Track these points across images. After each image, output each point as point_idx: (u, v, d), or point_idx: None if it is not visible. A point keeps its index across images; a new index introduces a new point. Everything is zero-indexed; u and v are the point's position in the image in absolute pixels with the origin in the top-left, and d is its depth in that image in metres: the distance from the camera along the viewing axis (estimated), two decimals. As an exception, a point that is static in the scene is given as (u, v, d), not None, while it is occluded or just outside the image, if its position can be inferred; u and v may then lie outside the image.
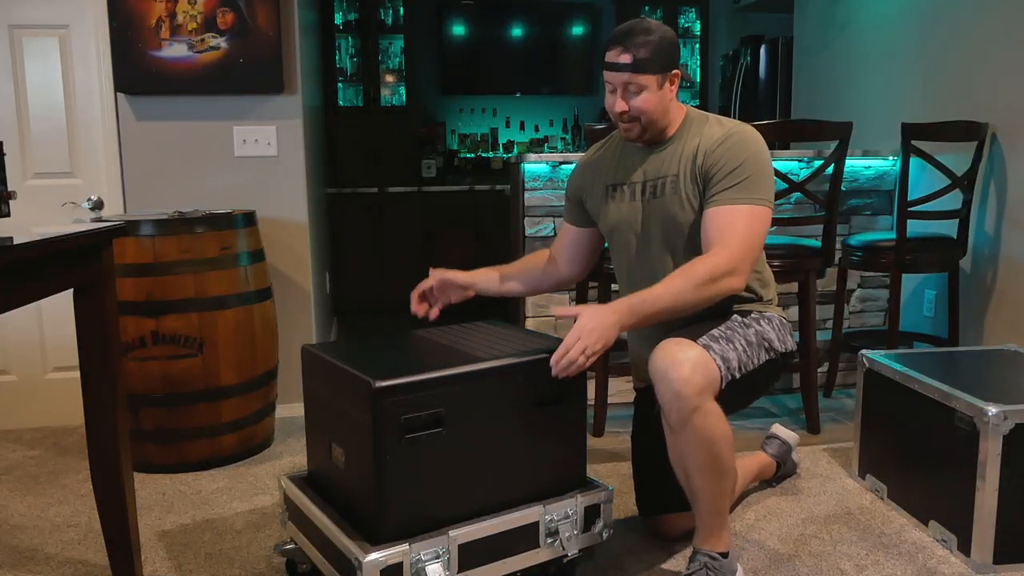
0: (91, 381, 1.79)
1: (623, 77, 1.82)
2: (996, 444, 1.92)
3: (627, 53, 1.81)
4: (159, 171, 3.05)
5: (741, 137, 1.84)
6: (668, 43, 1.83)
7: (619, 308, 1.67)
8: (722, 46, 6.12)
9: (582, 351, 1.62)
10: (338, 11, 5.47)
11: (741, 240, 1.74)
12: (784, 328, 1.97)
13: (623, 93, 1.84)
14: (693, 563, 1.80)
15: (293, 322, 3.19)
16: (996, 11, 3.07)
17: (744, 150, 1.81)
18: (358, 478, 1.65)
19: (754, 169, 1.79)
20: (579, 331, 1.63)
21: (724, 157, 1.81)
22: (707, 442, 1.69)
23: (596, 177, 2.05)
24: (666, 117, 1.90)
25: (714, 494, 1.77)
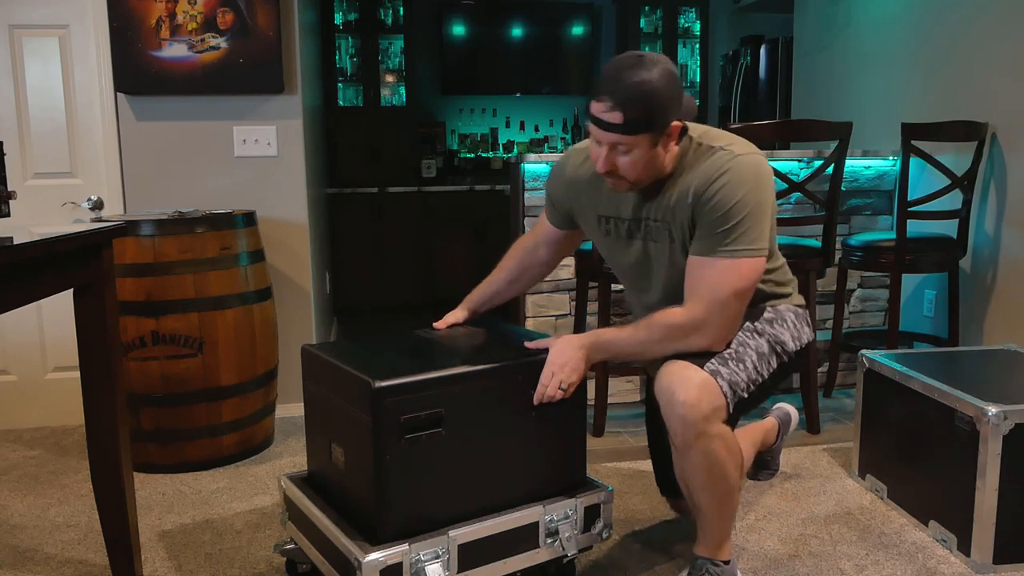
0: (91, 381, 1.79)
1: (610, 137, 1.57)
2: (996, 444, 1.92)
3: (618, 111, 1.53)
4: (159, 171, 3.05)
5: (734, 175, 1.60)
6: (668, 92, 1.55)
7: (585, 343, 1.70)
8: (722, 46, 6.12)
9: (557, 386, 1.68)
10: (338, 11, 5.47)
11: (712, 298, 1.61)
12: (800, 322, 1.85)
13: (609, 152, 1.60)
14: (694, 569, 1.79)
15: (293, 322, 3.19)
16: (996, 11, 3.07)
17: (734, 193, 1.59)
18: (358, 478, 1.65)
19: (742, 215, 1.59)
20: (551, 366, 1.69)
21: (711, 201, 1.61)
22: (711, 465, 1.66)
23: (582, 198, 1.86)
24: (658, 171, 1.66)
25: (718, 512, 1.75)
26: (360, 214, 5.38)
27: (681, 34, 6.10)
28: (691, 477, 1.71)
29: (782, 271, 1.89)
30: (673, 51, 6.10)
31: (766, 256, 1.66)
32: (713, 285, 1.62)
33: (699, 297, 1.63)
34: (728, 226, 1.60)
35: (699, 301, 1.63)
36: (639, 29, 6.01)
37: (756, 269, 1.63)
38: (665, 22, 6.06)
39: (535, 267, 2.06)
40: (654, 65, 1.55)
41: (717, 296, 1.62)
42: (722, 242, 1.61)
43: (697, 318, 1.63)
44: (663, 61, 1.57)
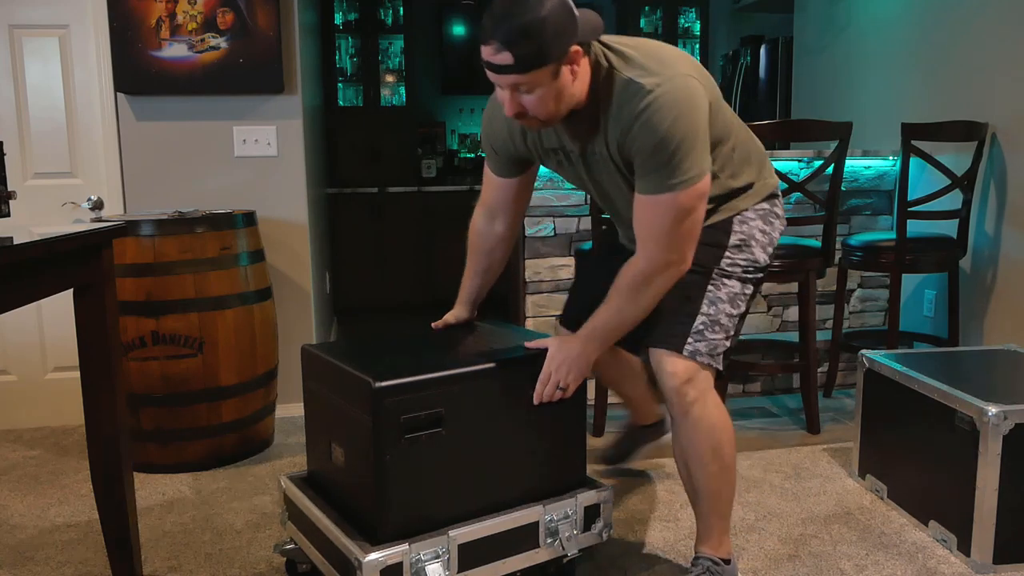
0: (91, 381, 1.79)
1: (507, 79, 1.50)
2: (996, 444, 1.92)
3: (506, 51, 1.46)
4: (159, 171, 3.05)
5: (653, 113, 1.52)
6: (556, 19, 1.45)
7: (582, 338, 1.69)
8: (722, 46, 6.12)
9: (556, 385, 1.69)
10: (338, 11, 5.47)
11: (662, 236, 1.59)
12: (770, 224, 1.80)
13: (512, 94, 1.53)
14: (695, 567, 1.79)
15: (293, 322, 3.19)
16: (996, 12, 3.07)
17: (656, 130, 1.52)
18: (358, 478, 1.65)
19: (671, 148, 1.53)
20: (549, 366, 1.70)
21: (635, 143, 1.56)
22: (709, 431, 1.71)
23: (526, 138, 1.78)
24: (573, 99, 1.58)
25: (716, 490, 1.76)
26: (360, 214, 5.38)
27: (681, 34, 6.11)
28: (690, 447, 1.73)
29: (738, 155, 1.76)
30: (673, 51, 6.09)
31: (709, 174, 1.61)
32: (660, 223, 1.59)
33: (650, 239, 1.61)
34: (660, 162, 1.55)
35: (652, 243, 1.61)
36: (639, 29, 6.02)
37: (699, 193, 1.59)
38: (665, 22, 6.06)
39: (498, 245, 1.98)
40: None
41: (666, 232, 1.60)
42: (659, 180, 1.56)
43: (657, 260, 1.61)
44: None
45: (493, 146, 1.85)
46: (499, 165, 1.88)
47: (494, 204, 1.94)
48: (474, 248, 2.01)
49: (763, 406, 3.27)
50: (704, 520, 1.80)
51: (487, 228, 1.97)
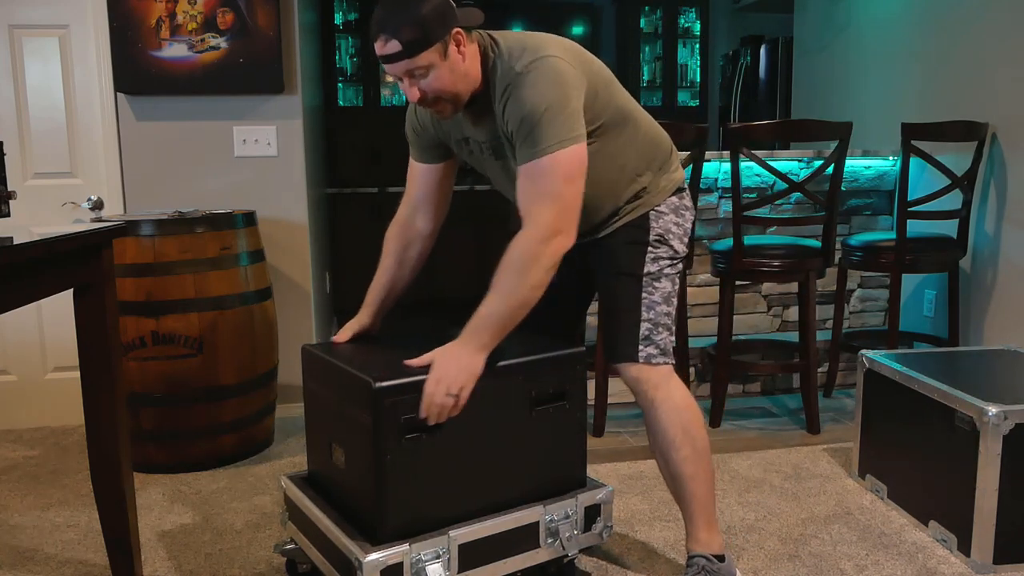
0: (91, 381, 1.79)
1: (401, 67, 1.59)
2: (996, 444, 1.92)
3: (393, 39, 1.56)
4: (159, 171, 3.05)
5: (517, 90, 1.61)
6: (434, 6, 1.57)
7: (465, 342, 1.62)
8: (722, 46, 6.12)
9: (444, 394, 1.58)
10: (338, 11, 5.47)
11: (540, 203, 1.61)
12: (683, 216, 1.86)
13: (410, 81, 1.62)
14: (691, 567, 1.80)
15: (293, 322, 3.19)
16: (996, 11, 3.08)
17: (523, 105, 1.60)
18: (358, 478, 1.65)
19: (539, 116, 1.58)
20: (435, 377, 1.58)
21: (510, 112, 1.63)
22: (676, 411, 1.78)
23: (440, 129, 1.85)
24: (469, 80, 1.66)
25: (693, 474, 1.79)
26: (360, 214, 5.38)
27: (681, 34, 6.11)
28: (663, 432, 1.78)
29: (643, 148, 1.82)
30: (673, 51, 6.11)
31: (584, 140, 1.64)
32: (541, 189, 1.61)
33: (535, 205, 1.62)
34: (531, 132, 1.60)
35: (537, 208, 1.61)
36: (639, 29, 6.02)
37: (577, 156, 1.62)
38: (665, 22, 6.06)
39: (416, 239, 1.96)
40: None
41: (549, 196, 1.60)
42: (533, 147, 1.60)
43: (544, 225, 1.60)
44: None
45: (414, 129, 1.88)
46: (420, 150, 1.90)
47: (417, 197, 1.94)
48: (390, 241, 1.97)
49: (763, 406, 3.27)
50: (688, 513, 1.82)
51: (407, 221, 1.96)
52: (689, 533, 1.83)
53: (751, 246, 2.87)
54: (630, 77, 6.08)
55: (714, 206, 3.41)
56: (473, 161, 1.88)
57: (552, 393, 1.76)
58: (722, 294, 2.95)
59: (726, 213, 3.40)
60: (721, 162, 3.35)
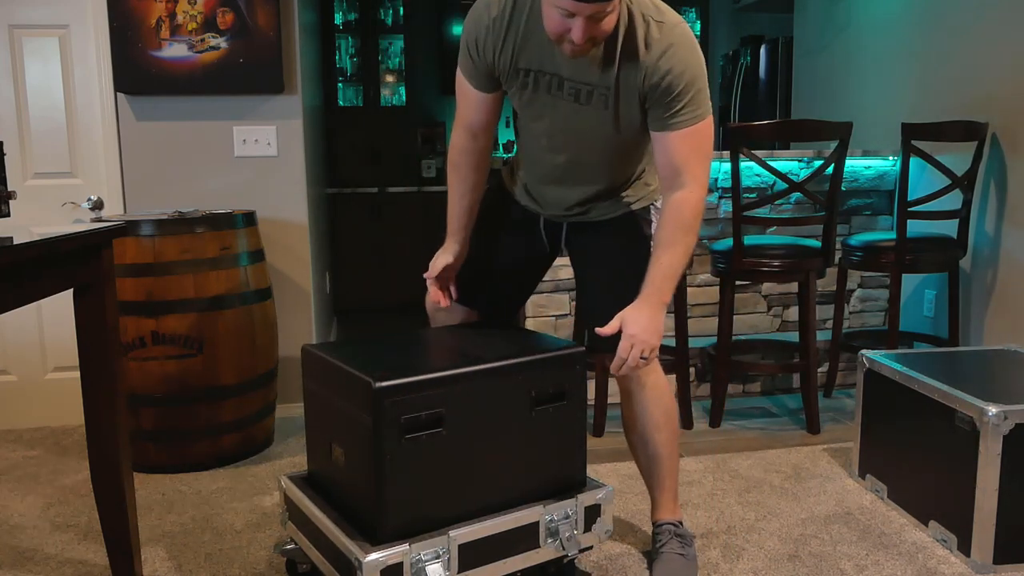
0: (91, 381, 1.79)
1: (592, 8, 1.50)
2: (996, 444, 1.92)
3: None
4: (159, 171, 3.05)
5: (680, 49, 1.64)
6: None
7: (652, 301, 1.71)
8: (722, 46, 6.12)
9: (638, 356, 1.70)
10: (338, 11, 5.47)
11: (703, 164, 1.72)
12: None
13: (587, 22, 1.52)
14: (662, 535, 1.94)
15: (293, 322, 3.19)
16: (996, 11, 3.08)
17: (686, 67, 1.64)
18: (358, 478, 1.65)
19: (697, 82, 1.67)
20: (630, 340, 1.69)
21: (669, 80, 1.64)
22: (661, 395, 1.90)
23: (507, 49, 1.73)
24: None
25: (670, 454, 1.94)
26: (360, 214, 5.38)
27: (681, 34, 6.10)
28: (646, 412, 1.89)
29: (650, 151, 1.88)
30: (673, 51, 6.10)
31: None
32: (702, 149, 1.72)
33: (697, 166, 1.71)
34: (691, 95, 1.67)
35: (700, 170, 1.72)
36: (639, 29, 6.01)
37: (712, 125, 1.75)
38: (665, 22, 6.06)
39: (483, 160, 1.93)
40: None
41: (707, 156, 1.74)
42: (691, 112, 1.68)
43: (701, 189, 1.73)
44: None
45: (471, 55, 1.78)
46: (475, 77, 1.81)
47: (475, 122, 1.88)
48: (459, 166, 1.92)
49: (763, 406, 3.27)
50: (660, 488, 1.96)
51: (471, 144, 1.90)
52: (660, 505, 1.98)
53: (751, 246, 2.87)
54: (630, 77, 6.08)
55: (714, 206, 3.41)
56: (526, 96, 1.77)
57: (552, 393, 1.76)
58: (722, 294, 2.95)
59: (726, 213, 3.40)
60: (721, 162, 3.35)
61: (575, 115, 1.74)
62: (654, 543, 1.97)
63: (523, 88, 1.76)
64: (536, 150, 1.86)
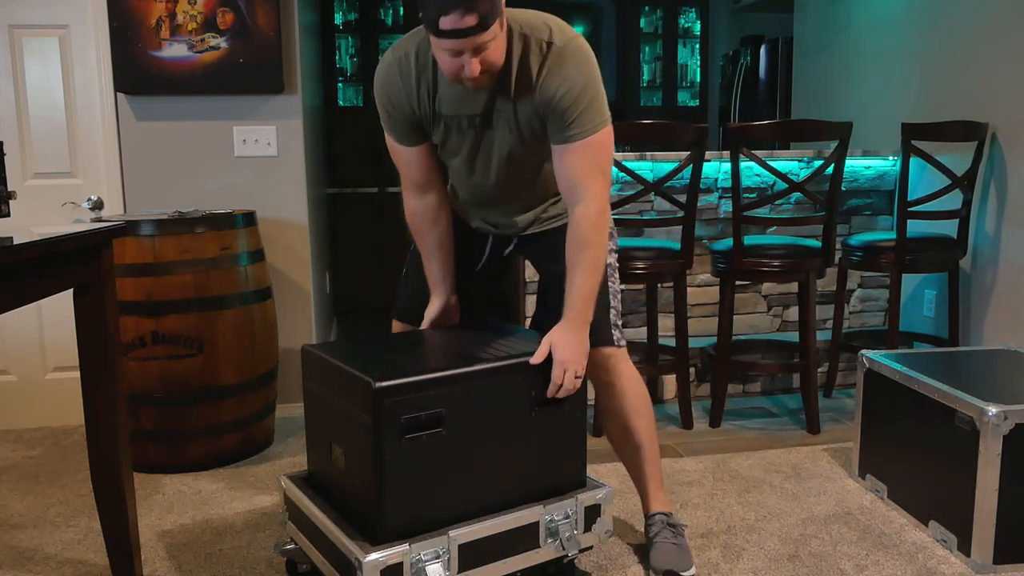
0: (91, 381, 1.79)
1: (472, 42, 1.56)
2: (996, 444, 1.92)
3: (471, 14, 1.53)
4: (159, 171, 3.05)
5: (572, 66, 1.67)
6: None
7: (576, 324, 1.76)
8: (722, 46, 6.12)
9: (573, 377, 1.75)
10: (338, 11, 5.47)
11: (598, 177, 1.74)
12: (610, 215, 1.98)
13: (473, 55, 1.59)
14: (654, 526, 1.99)
15: (293, 322, 3.19)
16: (996, 11, 3.08)
17: (576, 82, 1.67)
18: (358, 478, 1.65)
19: (588, 95, 1.68)
20: (562, 366, 1.73)
21: (561, 99, 1.67)
22: (637, 382, 1.97)
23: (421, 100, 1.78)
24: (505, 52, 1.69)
25: (651, 441, 1.99)
26: (360, 214, 5.38)
27: (681, 34, 6.11)
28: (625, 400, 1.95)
29: None
30: (673, 51, 6.11)
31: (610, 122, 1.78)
32: (592, 166, 1.73)
33: (592, 180, 1.73)
34: (581, 107, 1.69)
35: (594, 183, 1.73)
36: (639, 29, 6.02)
37: (610, 136, 1.77)
38: (665, 22, 6.06)
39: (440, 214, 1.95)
40: None
41: (603, 170, 1.75)
42: (581, 126, 1.70)
43: (603, 198, 1.75)
44: None
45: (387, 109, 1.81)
46: (400, 133, 1.84)
47: (417, 180, 1.91)
48: (419, 229, 1.96)
49: (763, 406, 3.27)
50: (645, 478, 2.01)
51: (422, 203, 1.93)
52: (650, 496, 2.03)
53: (751, 246, 2.87)
54: (630, 77, 6.08)
55: (714, 206, 3.41)
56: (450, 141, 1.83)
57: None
58: (722, 294, 2.95)
59: (726, 213, 3.40)
60: (721, 162, 3.35)
61: (486, 142, 1.82)
62: (647, 533, 2.01)
63: (447, 133, 1.82)
64: (462, 178, 1.92)
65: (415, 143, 1.86)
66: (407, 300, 2.09)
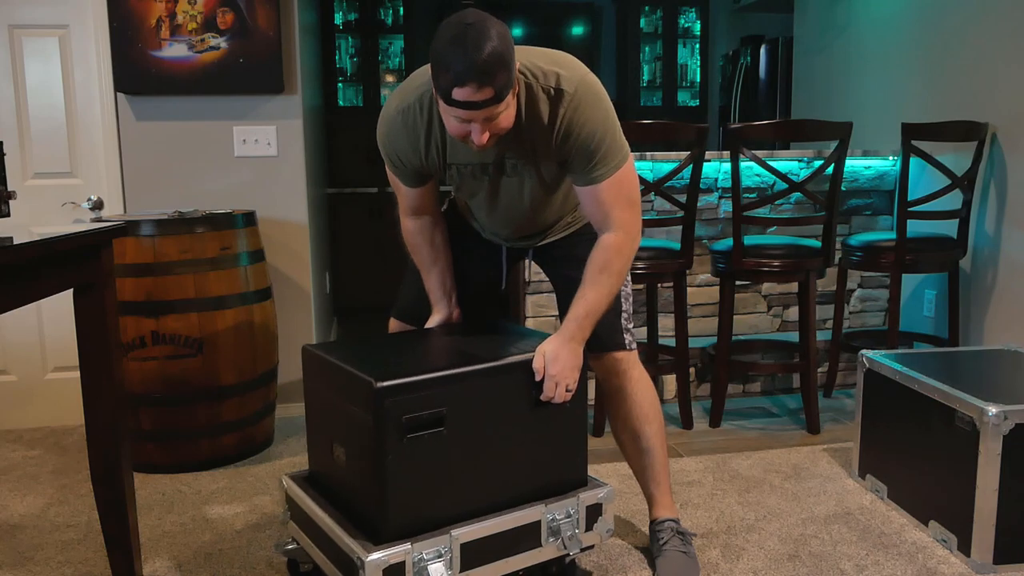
0: (91, 381, 1.78)
1: (485, 113, 1.53)
2: (996, 444, 1.92)
3: (488, 87, 1.49)
4: (159, 171, 3.05)
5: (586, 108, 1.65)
6: (509, 44, 1.52)
7: (573, 337, 1.74)
8: (722, 46, 6.12)
9: (564, 391, 1.74)
10: (338, 11, 5.47)
11: (628, 209, 1.75)
12: None
13: (483, 124, 1.56)
14: (663, 532, 1.97)
15: (293, 322, 3.19)
16: (996, 11, 3.08)
17: (593, 122, 1.66)
18: (360, 478, 1.65)
19: (607, 133, 1.68)
20: (553, 379, 1.72)
21: (579, 140, 1.66)
22: (648, 387, 1.97)
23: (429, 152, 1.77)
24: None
25: (661, 446, 1.99)
26: (360, 214, 5.38)
27: (681, 34, 6.11)
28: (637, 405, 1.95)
29: None
30: (673, 51, 6.11)
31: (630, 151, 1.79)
32: (621, 199, 1.74)
33: (618, 214, 1.74)
34: (603, 149, 1.69)
35: (621, 216, 1.74)
36: (639, 29, 6.02)
37: (632, 167, 1.78)
38: (665, 22, 6.06)
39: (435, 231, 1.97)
40: (486, 26, 1.49)
41: (628, 205, 1.76)
42: (605, 166, 1.71)
43: (629, 230, 1.76)
44: (485, 17, 1.52)
45: (393, 163, 1.83)
46: (408, 177, 1.86)
47: (413, 207, 1.94)
48: (415, 247, 1.98)
49: (763, 406, 3.27)
50: (655, 483, 2.00)
51: (417, 224, 1.96)
52: (658, 501, 2.01)
53: (751, 246, 2.88)
54: (630, 77, 6.08)
55: (714, 206, 3.41)
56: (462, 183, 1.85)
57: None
58: (722, 294, 2.95)
59: (726, 213, 3.40)
60: (721, 162, 3.35)
61: (504, 185, 1.82)
62: (656, 540, 1.98)
63: (460, 178, 1.83)
64: (483, 212, 1.93)
65: (419, 184, 1.88)
66: (409, 301, 2.08)
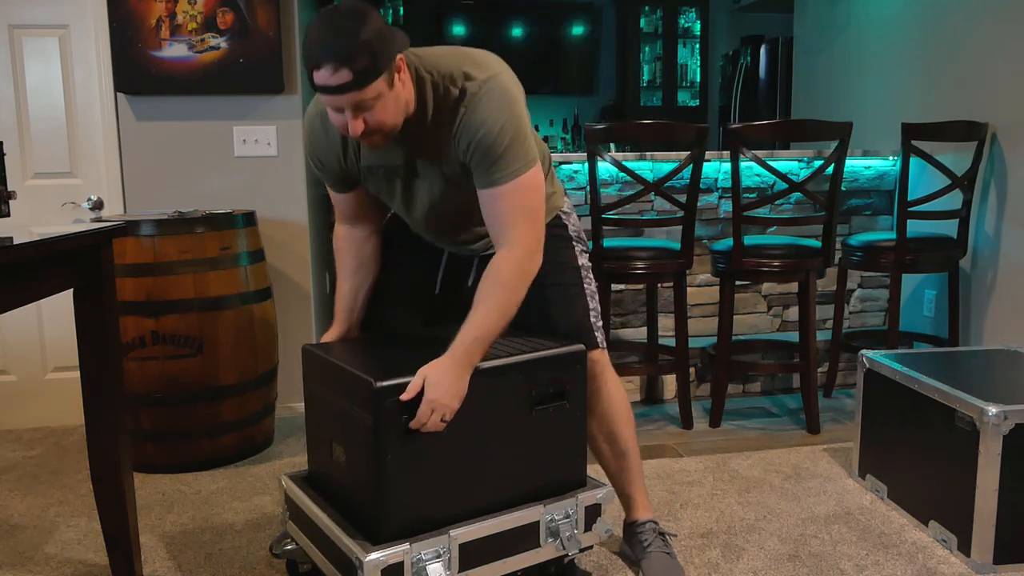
0: (91, 381, 1.79)
1: (348, 99, 1.49)
2: (996, 444, 1.92)
3: (344, 68, 1.45)
4: (159, 171, 3.05)
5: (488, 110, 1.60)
6: (379, 28, 1.48)
7: (459, 361, 1.61)
8: (722, 46, 6.12)
9: (438, 420, 1.59)
10: (338, 11, 5.47)
11: (525, 222, 1.66)
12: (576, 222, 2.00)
13: (355, 113, 1.52)
14: (646, 534, 1.97)
15: (293, 322, 3.19)
16: (996, 11, 3.08)
17: (493, 127, 1.60)
18: (359, 478, 1.65)
19: (507, 140, 1.60)
20: (430, 404, 1.57)
21: (477, 144, 1.61)
22: (619, 389, 1.96)
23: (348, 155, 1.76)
24: (406, 109, 1.61)
25: (635, 447, 1.99)
26: (360, 214, 5.37)
27: (681, 34, 6.11)
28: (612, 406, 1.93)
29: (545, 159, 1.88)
30: (673, 51, 6.11)
31: (539, 161, 1.71)
32: (519, 210, 1.66)
33: (510, 224, 1.66)
34: (499, 155, 1.62)
35: (514, 230, 1.66)
36: (639, 29, 6.02)
37: (537, 177, 1.69)
38: (665, 22, 6.07)
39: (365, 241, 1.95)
40: (353, 13, 1.48)
41: (522, 217, 1.66)
42: (502, 170, 1.63)
43: (529, 243, 1.67)
44: (358, 5, 1.50)
45: (322, 161, 1.80)
46: (333, 181, 1.84)
47: (345, 214, 1.93)
48: (338, 252, 1.96)
49: (763, 406, 3.27)
50: (633, 484, 2.00)
51: (350, 232, 1.94)
52: (636, 503, 2.01)
53: (751, 246, 2.88)
54: (630, 77, 6.08)
55: (714, 206, 3.41)
56: (379, 189, 1.82)
57: (552, 393, 1.76)
58: (722, 294, 2.95)
59: (726, 213, 3.40)
60: (721, 162, 3.35)
61: (417, 188, 1.78)
62: (638, 542, 1.97)
63: (376, 182, 1.80)
64: (404, 217, 1.90)
65: (347, 190, 1.86)
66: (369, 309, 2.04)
